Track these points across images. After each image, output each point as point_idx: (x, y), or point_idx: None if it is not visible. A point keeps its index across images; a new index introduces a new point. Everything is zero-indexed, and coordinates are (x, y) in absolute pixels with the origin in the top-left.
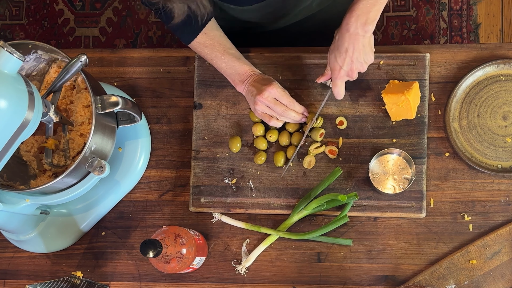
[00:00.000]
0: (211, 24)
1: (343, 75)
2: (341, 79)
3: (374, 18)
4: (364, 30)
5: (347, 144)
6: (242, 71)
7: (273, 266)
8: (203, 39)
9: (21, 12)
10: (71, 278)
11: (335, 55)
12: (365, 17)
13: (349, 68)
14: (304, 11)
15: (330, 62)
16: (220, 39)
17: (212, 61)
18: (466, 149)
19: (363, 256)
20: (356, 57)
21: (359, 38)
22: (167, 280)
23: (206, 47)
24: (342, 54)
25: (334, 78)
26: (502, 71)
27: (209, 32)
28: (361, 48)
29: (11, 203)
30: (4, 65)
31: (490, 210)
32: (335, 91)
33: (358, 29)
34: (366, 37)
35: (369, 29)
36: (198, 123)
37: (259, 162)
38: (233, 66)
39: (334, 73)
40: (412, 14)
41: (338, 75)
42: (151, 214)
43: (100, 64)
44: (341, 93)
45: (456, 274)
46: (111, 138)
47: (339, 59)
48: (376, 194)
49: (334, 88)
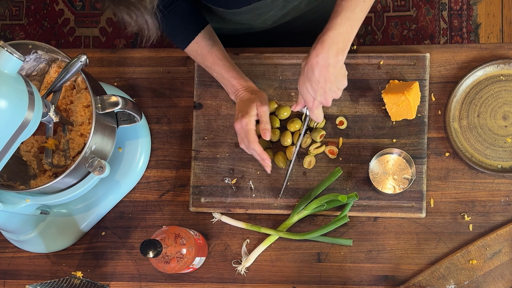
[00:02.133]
0: (204, 32)
1: (317, 104)
2: (317, 108)
3: (346, 48)
4: (335, 61)
5: (347, 144)
6: (230, 84)
7: (273, 266)
8: (194, 48)
9: (21, 12)
10: (71, 278)
11: (306, 87)
12: (336, 48)
13: (323, 98)
14: (292, 11)
15: (303, 94)
16: (211, 49)
17: (205, 69)
18: (466, 149)
19: (363, 256)
20: (329, 87)
21: (329, 70)
22: (167, 280)
23: (198, 56)
24: (314, 86)
25: (309, 108)
26: (502, 71)
27: (201, 41)
28: (332, 79)
29: (11, 203)
30: (4, 65)
31: (490, 210)
32: (313, 118)
33: (329, 60)
34: (337, 68)
35: (340, 59)
36: (198, 123)
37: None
38: (222, 77)
39: (309, 104)
40: (412, 14)
41: (312, 105)
42: (151, 214)
43: (100, 64)
44: (320, 118)
45: (456, 274)
46: (111, 138)
47: (311, 91)
48: (376, 194)
49: (311, 115)
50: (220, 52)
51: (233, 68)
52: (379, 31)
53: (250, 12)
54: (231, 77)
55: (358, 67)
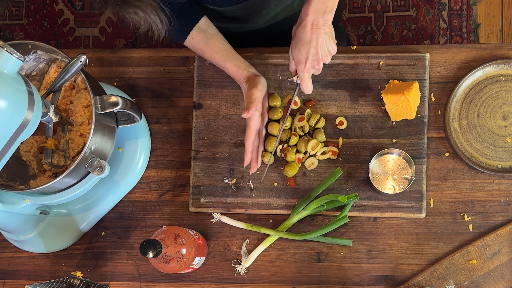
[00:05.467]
0: (198, 27)
1: (309, 67)
2: (308, 71)
3: (332, 7)
4: (324, 19)
5: (347, 144)
6: (231, 73)
7: (272, 266)
8: (191, 43)
9: (21, 12)
10: (71, 278)
11: (298, 48)
12: (324, 6)
13: (315, 58)
14: (285, 11)
15: (295, 56)
16: (207, 42)
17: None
18: (466, 149)
19: (363, 256)
20: (321, 45)
21: (320, 27)
22: (167, 280)
23: (197, 50)
24: (306, 45)
25: (300, 72)
26: (502, 71)
27: (196, 36)
28: (323, 36)
29: (11, 203)
30: (4, 65)
31: (490, 210)
32: (303, 86)
33: (318, 18)
34: (327, 26)
35: (328, 18)
36: (198, 123)
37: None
38: (223, 68)
39: (300, 66)
40: (412, 14)
41: (304, 68)
42: (151, 214)
43: (100, 64)
44: (309, 88)
45: (456, 274)
46: (111, 138)
47: (304, 50)
48: (376, 194)
49: (302, 82)
50: (216, 44)
51: (231, 59)
52: (379, 31)
53: (241, 10)
54: (228, 69)
55: (358, 67)
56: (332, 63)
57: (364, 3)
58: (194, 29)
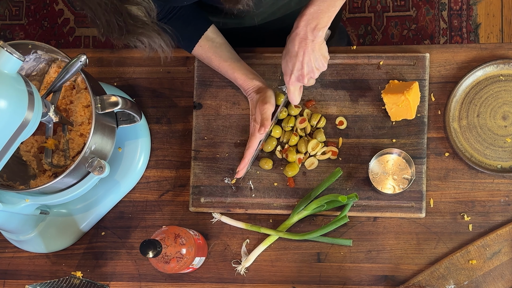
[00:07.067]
0: (207, 35)
1: (294, 80)
2: (293, 85)
3: (325, 24)
4: (313, 35)
5: (347, 144)
6: (238, 85)
7: (272, 266)
8: (199, 51)
9: (21, 12)
10: (71, 278)
11: (286, 59)
12: (315, 22)
13: (300, 73)
14: (282, 9)
15: (282, 66)
16: (215, 51)
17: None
18: (466, 149)
19: (363, 256)
20: (306, 61)
21: (308, 43)
22: (167, 280)
23: (204, 58)
24: (293, 58)
25: (286, 83)
26: (502, 71)
27: (204, 44)
28: (310, 52)
29: (11, 203)
30: (4, 65)
31: (490, 210)
32: (289, 97)
33: (307, 33)
34: (315, 43)
35: (318, 35)
36: (198, 123)
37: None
38: (230, 78)
39: (286, 78)
40: (412, 14)
41: (289, 80)
42: (151, 214)
43: (100, 64)
44: (295, 99)
45: (455, 274)
46: (111, 138)
47: (290, 63)
48: (376, 194)
49: (288, 92)
50: (225, 53)
51: (238, 68)
52: (379, 31)
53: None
54: (237, 79)
55: (358, 67)
56: (332, 63)
57: (364, 3)
58: (203, 37)
